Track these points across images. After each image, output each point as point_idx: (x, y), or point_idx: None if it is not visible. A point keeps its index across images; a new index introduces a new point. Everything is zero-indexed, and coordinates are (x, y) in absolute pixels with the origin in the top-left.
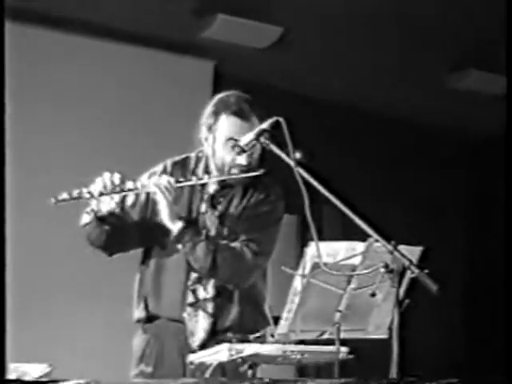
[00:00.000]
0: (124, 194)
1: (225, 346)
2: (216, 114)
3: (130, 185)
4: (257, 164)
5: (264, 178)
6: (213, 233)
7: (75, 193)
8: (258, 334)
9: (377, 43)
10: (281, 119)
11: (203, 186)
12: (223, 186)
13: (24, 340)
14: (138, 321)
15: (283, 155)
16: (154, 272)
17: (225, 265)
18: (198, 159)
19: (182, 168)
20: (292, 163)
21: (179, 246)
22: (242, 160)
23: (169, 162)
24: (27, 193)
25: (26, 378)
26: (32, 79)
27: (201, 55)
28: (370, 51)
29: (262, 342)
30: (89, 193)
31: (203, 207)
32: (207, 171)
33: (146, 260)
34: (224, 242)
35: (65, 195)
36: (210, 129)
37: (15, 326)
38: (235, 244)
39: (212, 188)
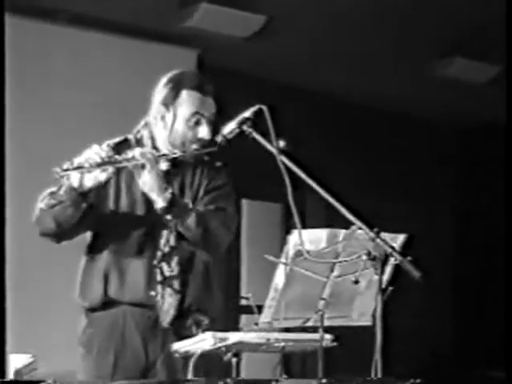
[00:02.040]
0: (117, 165)
1: (209, 334)
2: (175, 90)
3: (119, 157)
4: (216, 145)
5: (212, 158)
6: None
7: (76, 163)
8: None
9: (362, 31)
10: (263, 107)
11: None
12: (175, 163)
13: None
14: (90, 309)
15: (266, 143)
16: (112, 256)
17: (215, 231)
18: (138, 141)
19: (124, 149)
20: (275, 151)
21: (168, 217)
22: (206, 134)
23: (111, 144)
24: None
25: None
26: (30, 70)
27: (184, 44)
28: (355, 40)
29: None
30: (89, 163)
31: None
32: (156, 150)
33: (96, 245)
34: (207, 208)
35: (68, 165)
36: (167, 106)
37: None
38: (214, 212)
39: (164, 165)
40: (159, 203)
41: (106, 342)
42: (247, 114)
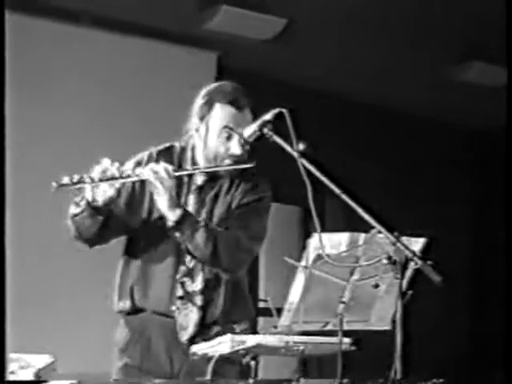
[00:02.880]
0: (123, 181)
1: (227, 337)
2: (210, 103)
3: (128, 172)
4: (247, 155)
5: (252, 170)
6: None
7: (76, 178)
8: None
9: (380, 35)
10: (284, 110)
11: (191, 177)
12: (211, 177)
13: (24, 330)
14: (121, 311)
15: (286, 146)
16: (141, 264)
17: (225, 251)
18: (182, 150)
19: (167, 157)
20: (295, 154)
21: (177, 235)
22: (237, 150)
23: (154, 151)
24: (26, 184)
25: (30, 369)
26: (32, 67)
27: (204, 47)
28: (372, 43)
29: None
30: (90, 178)
31: (191, 199)
32: (194, 162)
33: (130, 250)
34: (220, 229)
35: (66, 180)
36: (202, 119)
37: (14, 316)
38: (231, 231)
39: (200, 179)
40: (169, 220)
41: (134, 345)
42: (268, 116)
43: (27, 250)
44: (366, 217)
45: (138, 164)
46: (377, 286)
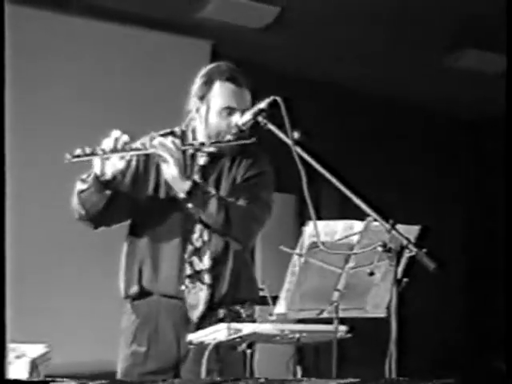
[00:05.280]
0: (133, 153)
1: (223, 325)
2: (209, 82)
3: (138, 145)
4: (248, 132)
5: (252, 147)
6: None
7: (88, 150)
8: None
9: (375, 23)
10: (278, 99)
11: (193, 158)
12: (213, 157)
13: (21, 320)
14: (128, 297)
15: (281, 135)
16: (148, 246)
17: (237, 219)
18: (183, 133)
19: None
20: (290, 142)
21: (190, 205)
22: (238, 120)
23: (155, 135)
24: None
25: (25, 359)
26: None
27: (198, 35)
28: (368, 31)
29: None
30: (102, 150)
31: (195, 179)
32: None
33: (134, 233)
34: (238, 198)
35: (79, 151)
36: (202, 98)
37: (10, 307)
38: (241, 201)
39: (202, 160)
40: (180, 192)
41: (141, 331)
42: (262, 105)
43: (26, 238)
44: (361, 205)
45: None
46: (372, 273)
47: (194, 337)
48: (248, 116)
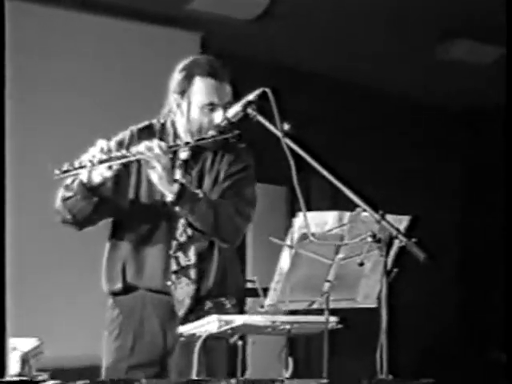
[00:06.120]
0: (121, 161)
1: (214, 317)
2: (189, 77)
3: (124, 152)
4: (230, 126)
5: (234, 141)
6: None
7: (76, 163)
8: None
9: (365, 15)
10: (267, 90)
11: (175, 153)
12: (195, 151)
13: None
14: (112, 293)
15: (271, 126)
16: (133, 243)
17: (226, 219)
18: (162, 126)
19: (148, 135)
20: (280, 134)
21: (177, 209)
22: (220, 120)
23: (134, 129)
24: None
25: (16, 353)
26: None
27: (187, 27)
28: (358, 22)
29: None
30: (90, 161)
31: (177, 174)
32: (176, 138)
33: (117, 232)
34: (224, 194)
35: (67, 166)
36: (183, 93)
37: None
38: (227, 200)
39: (184, 154)
40: (168, 196)
41: (126, 325)
42: (251, 96)
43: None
44: (351, 195)
45: (120, 144)
46: (362, 264)
47: (184, 329)
48: (237, 108)
